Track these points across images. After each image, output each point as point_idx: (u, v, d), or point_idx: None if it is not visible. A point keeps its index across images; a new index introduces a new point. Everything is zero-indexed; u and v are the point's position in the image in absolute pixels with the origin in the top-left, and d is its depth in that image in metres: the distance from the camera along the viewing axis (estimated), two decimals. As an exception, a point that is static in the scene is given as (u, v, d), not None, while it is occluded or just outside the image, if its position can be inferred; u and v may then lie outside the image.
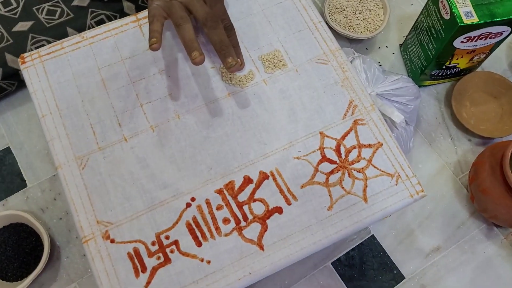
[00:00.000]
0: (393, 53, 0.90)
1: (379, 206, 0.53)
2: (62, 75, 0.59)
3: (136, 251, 0.50)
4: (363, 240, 0.75)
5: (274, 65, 0.60)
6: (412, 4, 0.95)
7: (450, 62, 0.77)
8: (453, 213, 0.77)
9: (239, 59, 0.58)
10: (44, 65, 0.59)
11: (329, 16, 0.87)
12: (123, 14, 0.81)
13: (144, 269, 0.50)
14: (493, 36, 0.70)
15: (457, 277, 0.73)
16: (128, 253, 0.50)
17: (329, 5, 0.88)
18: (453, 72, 0.82)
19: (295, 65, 0.60)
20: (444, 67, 0.79)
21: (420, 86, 0.85)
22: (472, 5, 0.67)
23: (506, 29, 0.68)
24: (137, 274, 0.49)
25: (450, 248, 0.75)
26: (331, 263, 0.74)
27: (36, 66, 0.59)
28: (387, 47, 0.91)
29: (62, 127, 0.56)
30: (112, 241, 0.51)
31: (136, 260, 0.50)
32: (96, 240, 0.51)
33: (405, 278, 0.73)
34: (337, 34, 0.88)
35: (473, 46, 0.72)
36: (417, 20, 0.80)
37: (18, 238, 0.70)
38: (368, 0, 0.89)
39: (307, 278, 0.73)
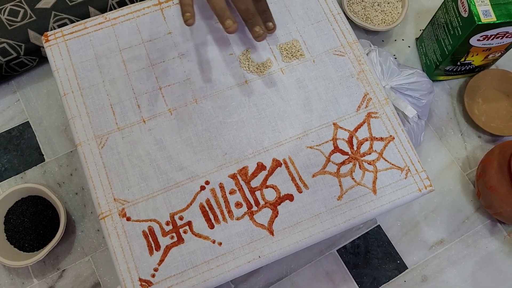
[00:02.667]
0: (409, 46, 0.90)
1: (387, 198, 0.54)
2: (84, 54, 0.60)
3: (151, 229, 0.52)
4: (369, 229, 0.76)
5: (292, 55, 0.60)
6: (430, -2, 0.94)
7: (465, 58, 0.77)
8: (458, 207, 0.78)
9: (271, 25, 0.57)
10: (67, 44, 0.60)
11: (348, 6, 0.87)
12: (143, -5, 0.81)
13: (158, 247, 0.51)
14: (509, 36, 0.70)
15: (458, 270, 0.74)
16: (143, 231, 0.52)
17: (348, -5, 0.88)
18: (467, 68, 0.81)
19: (313, 56, 0.60)
20: (458, 64, 0.79)
21: (433, 80, 0.85)
22: (491, 4, 0.66)
23: (523, 29, 0.68)
24: (151, 252, 0.51)
25: (453, 242, 0.76)
26: (337, 250, 0.75)
27: (59, 45, 0.60)
28: (403, 40, 0.90)
29: (83, 106, 0.57)
30: (128, 219, 0.52)
31: (150, 239, 0.51)
32: (113, 217, 0.52)
33: (408, 268, 0.74)
34: (354, 25, 0.87)
35: (489, 44, 0.72)
36: (434, 15, 0.79)
37: (35, 211, 0.72)
38: (386, -8, 0.88)
39: (312, 264, 0.74)
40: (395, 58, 0.87)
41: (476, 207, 0.78)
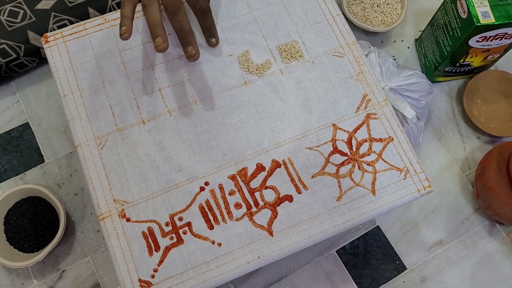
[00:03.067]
0: (408, 47, 0.90)
1: (386, 199, 0.54)
2: (84, 56, 0.60)
3: (151, 230, 0.52)
4: (368, 230, 0.76)
5: (291, 56, 0.60)
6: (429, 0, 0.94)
7: (464, 60, 0.77)
8: (457, 208, 0.78)
9: (213, 41, 0.56)
10: (67, 45, 0.60)
11: (347, 7, 0.87)
12: (143, -4, 0.81)
13: (157, 248, 0.51)
14: (508, 37, 0.70)
15: (457, 270, 0.75)
16: (143, 232, 0.52)
17: (347, -4, 0.88)
18: (466, 69, 0.82)
19: (312, 57, 0.60)
20: (458, 65, 0.79)
21: (432, 81, 0.85)
22: (490, 5, 0.66)
23: (522, 30, 0.68)
24: (150, 253, 0.51)
25: (452, 242, 0.76)
26: (336, 251, 0.75)
27: (59, 46, 0.60)
28: (402, 41, 0.90)
29: (82, 107, 0.57)
30: (128, 219, 0.52)
31: (150, 239, 0.52)
32: (113, 218, 0.52)
33: (407, 269, 0.75)
34: (353, 26, 0.88)
35: (488, 45, 0.72)
36: (434, 16, 0.79)
37: (35, 211, 0.72)
38: (386, -7, 0.88)
39: (312, 264, 0.74)
40: (395, 59, 0.87)
41: (475, 208, 0.78)
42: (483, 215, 0.78)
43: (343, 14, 0.87)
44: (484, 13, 0.66)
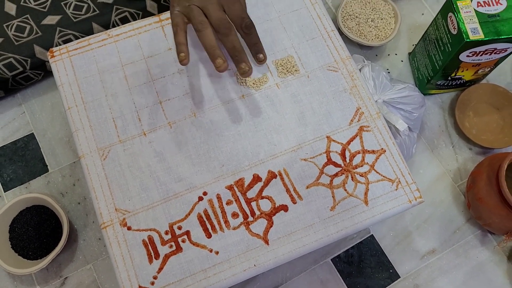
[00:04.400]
0: (402, 61, 0.92)
1: (379, 209, 0.56)
2: (88, 70, 0.61)
3: (151, 239, 0.53)
4: (362, 239, 0.77)
5: (287, 70, 0.62)
6: (423, 14, 0.96)
7: (456, 73, 0.79)
8: (450, 218, 0.79)
9: (261, 57, 0.56)
10: (72, 60, 0.62)
11: (342, 22, 0.89)
12: (146, 12, 0.83)
13: (157, 256, 0.53)
14: (497, 52, 0.72)
15: (450, 279, 0.75)
16: (143, 241, 0.53)
17: (343, 12, 0.90)
18: (458, 83, 0.83)
19: (307, 71, 0.62)
20: (449, 78, 0.81)
21: (425, 94, 0.87)
22: (479, 22, 0.68)
23: (510, 46, 0.70)
24: (150, 260, 0.52)
25: (445, 251, 0.77)
26: (331, 259, 0.76)
27: (64, 60, 0.62)
28: (396, 54, 0.92)
29: (86, 119, 0.59)
30: (129, 228, 0.53)
31: (150, 247, 0.53)
32: (114, 226, 0.53)
33: (400, 277, 0.76)
34: (348, 40, 0.89)
35: (478, 60, 0.74)
36: (426, 31, 0.81)
37: (39, 220, 0.73)
38: (380, 8, 0.90)
39: (307, 272, 0.75)
40: (389, 72, 0.89)
41: (467, 218, 0.79)
42: (475, 225, 0.79)
43: (338, 29, 0.89)
44: (473, 29, 0.68)
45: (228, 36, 0.53)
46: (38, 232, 0.72)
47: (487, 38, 0.67)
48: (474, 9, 0.69)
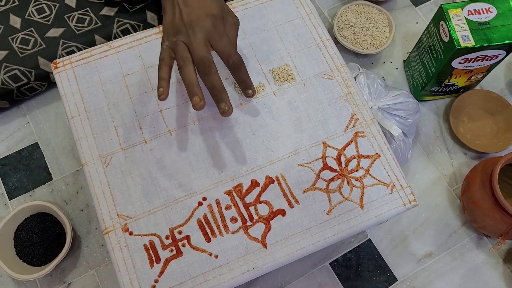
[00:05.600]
0: (397, 68, 0.93)
1: (374, 212, 0.56)
2: (90, 80, 0.62)
3: (152, 243, 0.54)
4: (360, 243, 0.78)
5: (284, 79, 0.63)
6: (417, 23, 0.97)
7: (449, 80, 0.80)
8: (446, 222, 0.80)
9: (250, 92, 0.55)
10: (75, 71, 0.63)
11: (338, 31, 0.90)
12: (146, 23, 0.84)
13: (158, 260, 0.53)
14: (489, 58, 0.73)
15: (446, 282, 0.76)
16: (144, 245, 0.54)
17: (338, 21, 0.91)
18: (452, 89, 0.84)
19: (303, 79, 0.63)
20: (443, 85, 0.82)
21: (420, 101, 0.88)
22: (470, 29, 0.69)
23: (501, 52, 0.71)
24: (151, 264, 0.53)
25: (441, 255, 0.78)
26: (329, 263, 0.77)
27: (67, 71, 0.63)
28: (391, 62, 0.93)
29: (89, 128, 0.60)
30: (131, 233, 0.54)
31: (151, 252, 0.54)
32: (116, 232, 0.54)
33: (397, 280, 0.76)
34: (344, 49, 0.91)
35: (470, 66, 0.75)
36: (419, 39, 0.82)
37: (43, 227, 0.74)
38: (375, 18, 0.92)
39: (306, 276, 0.76)
40: (384, 80, 0.90)
41: (463, 221, 0.80)
42: (471, 228, 0.79)
43: (334, 38, 0.90)
44: (464, 36, 0.69)
45: (207, 75, 0.52)
46: (42, 239, 0.73)
47: (477, 45, 0.69)
48: (465, 17, 0.70)
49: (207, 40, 0.52)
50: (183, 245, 0.54)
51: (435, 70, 0.77)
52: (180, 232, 0.55)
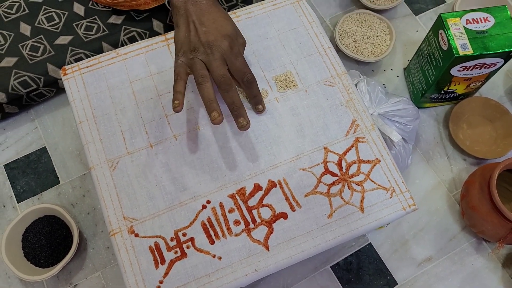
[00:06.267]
0: (397, 76, 0.94)
1: (374, 216, 0.57)
2: (98, 86, 0.64)
3: (157, 245, 0.55)
4: (361, 247, 0.79)
5: (286, 85, 0.64)
6: (417, 31, 0.98)
7: (448, 87, 0.81)
8: (445, 226, 0.81)
9: (260, 107, 0.60)
10: (83, 77, 0.64)
11: (339, 39, 0.91)
12: (152, 31, 0.86)
13: (163, 261, 0.54)
14: (487, 66, 0.74)
15: (446, 285, 0.76)
16: (150, 247, 0.55)
17: (340, 30, 0.92)
18: (451, 96, 0.85)
19: (305, 86, 0.64)
20: (443, 92, 0.83)
21: (420, 107, 0.89)
22: (468, 38, 0.70)
23: (499, 60, 0.72)
24: (156, 266, 0.54)
25: (441, 259, 0.78)
26: (331, 267, 0.77)
27: (76, 78, 0.64)
28: (392, 70, 0.94)
29: (96, 132, 0.61)
30: (136, 235, 0.55)
31: (156, 253, 0.54)
32: (122, 233, 0.55)
33: (397, 284, 0.77)
34: (346, 57, 0.92)
35: (469, 74, 0.76)
36: (419, 47, 0.83)
37: (51, 229, 0.75)
38: (376, 26, 0.93)
39: (308, 279, 0.76)
40: (385, 87, 0.91)
41: (462, 226, 0.81)
42: (470, 233, 0.80)
43: (336, 46, 0.92)
44: (463, 45, 0.70)
45: (228, 92, 0.55)
46: (49, 241, 0.74)
47: (476, 53, 0.70)
48: (464, 26, 0.71)
49: (224, 60, 0.56)
50: (188, 247, 0.55)
51: (435, 78, 0.78)
52: (184, 234, 0.55)
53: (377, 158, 0.60)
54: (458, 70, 0.74)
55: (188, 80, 0.57)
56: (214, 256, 0.55)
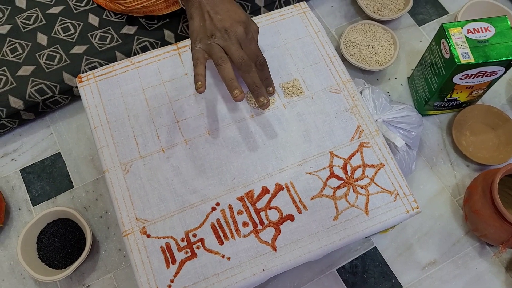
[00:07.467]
0: (401, 84, 0.95)
1: (378, 219, 0.58)
2: (112, 93, 0.65)
3: (168, 245, 0.56)
4: (366, 250, 0.79)
5: (293, 92, 0.65)
6: (420, 41, 1.00)
7: (451, 95, 0.82)
8: (449, 231, 0.81)
9: (271, 89, 0.61)
10: (98, 85, 0.66)
11: (345, 49, 0.93)
12: (164, 41, 0.88)
13: (174, 261, 0.55)
14: (488, 75, 0.75)
15: (450, 289, 0.77)
16: (161, 247, 0.56)
17: (345, 39, 0.94)
18: (454, 104, 0.86)
19: (311, 93, 0.65)
20: (445, 100, 0.84)
21: (424, 115, 0.90)
22: (469, 47, 0.71)
23: (500, 68, 0.73)
24: (167, 265, 0.55)
25: (445, 263, 0.79)
26: (336, 270, 0.78)
27: (91, 85, 0.66)
28: (396, 78, 0.95)
29: (110, 137, 0.62)
30: (148, 236, 0.56)
31: (167, 253, 0.56)
32: (135, 234, 0.57)
33: (402, 287, 0.77)
34: (351, 66, 0.93)
35: (471, 82, 0.77)
36: (422, 56, 0.85)
37: (65, 232, 0.76)
38: (380, 36, 0.94)
39: (314, 282, 0.77)
40: (389, 95, 0.92)
41: (466, 230, 0.81)
42: (473, 237, 0.80)
43: (341, 55, 0.93)
44: (464, 53, 0.71)
45: (249, 73, 0.57)
46: (63, 243, 0.76)
47: (477, 62, 0.71)
48: (465, 36, 0.73)
49: (239, 44, 0.58)
50: (198, 247, 0.56)
51: (438, 86, 0.79)
52: (194, 235, 0.57)
53: (381, 163, 0.61)
54: (460, 78, 0.75)
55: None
56: (223, 256, 0.56)
